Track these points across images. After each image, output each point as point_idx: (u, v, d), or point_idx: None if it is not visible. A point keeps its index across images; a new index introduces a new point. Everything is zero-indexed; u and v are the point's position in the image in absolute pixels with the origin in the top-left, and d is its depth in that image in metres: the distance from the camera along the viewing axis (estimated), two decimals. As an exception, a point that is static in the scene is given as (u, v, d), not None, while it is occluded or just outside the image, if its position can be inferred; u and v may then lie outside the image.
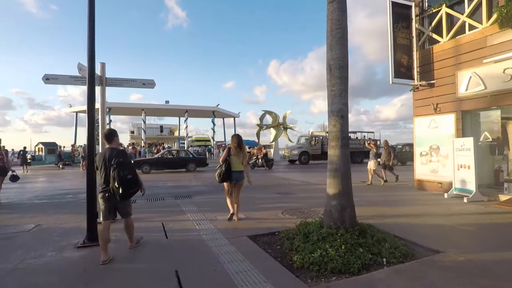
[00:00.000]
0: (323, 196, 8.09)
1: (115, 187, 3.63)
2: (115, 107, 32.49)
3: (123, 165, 3.71)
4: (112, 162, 3.68)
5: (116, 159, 3.69)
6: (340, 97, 4.10)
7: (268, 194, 8.66)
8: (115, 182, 3.61)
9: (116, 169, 3.64)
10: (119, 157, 3.74)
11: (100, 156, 3.88)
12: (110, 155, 3.75)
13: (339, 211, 4.02)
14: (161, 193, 9.23)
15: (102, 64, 5.73)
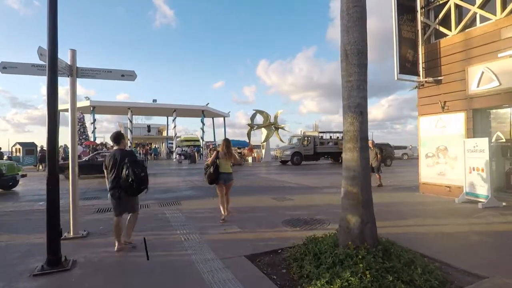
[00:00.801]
0: (324, 203, 7.56)
1: (128, 184, 3.94)
2: (100, 106, 31.15)
3: (136, 163, 4.08)
4: (125, 161, 3.99)
5: (128, 158, 4.05)
6: (359, 89, 3.40)
7: (264, 199, 7.93)
8: (129, 179, 3.92)
9: (130, 167, 3.95)
10: (130, 157, 4.12)
11: (110, 156, 4.17)
12: (121, 155, 4.09)
13: (359, 226, 3.32)
14: (146, 199, 8.36)
15: (73, 51, 4.87)
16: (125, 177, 3.94)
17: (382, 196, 8.29)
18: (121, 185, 3.99)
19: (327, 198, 7.92)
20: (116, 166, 4.04)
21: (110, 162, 4.11)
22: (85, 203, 7.89)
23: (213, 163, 5.68)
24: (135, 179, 3.94)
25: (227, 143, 5.86)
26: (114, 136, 4.32)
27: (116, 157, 4.08)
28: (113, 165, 4.07)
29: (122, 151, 4.22)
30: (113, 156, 4.14)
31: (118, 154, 4.11)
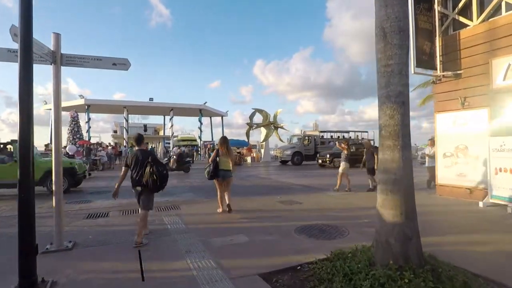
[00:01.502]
0: (336, 207, 6.73)
1: (152, 181, 4.29)
2: (94, 104, 30.35)
3: (159, 162, 4.51)
4: (149, 159, 4.38)
5: (151, 157, 4.45)
6: (401, 75, 2.81)
7: (269, 202, 7.32)
8: (153, 176, 4.28)
9: (153, 165, 4.34)
10: (153, 156, 4.53)
11: (133, 156, 4.57)
12: (143, 154, 4.49)
13: (402, 242, 2.72)
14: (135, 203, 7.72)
15: (57, 35, 4.22)
16: (149, 175, 4.30)
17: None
18: (144, 182, 4.35)
19: (338, 202, 7.33)
20: (139, 165, 4.44)
21: (133, 161, 4.50)
22: (75, 207, 7.23)
23: (214, 161, 6.10)
24: (159, 176, 4.34)
25: (225, 142, 6.29)
26: (137, 138, 4.76)
27: (138, 156, 4.48)
28: (135, 164, 4.47)
29: (143, 151, 4.62)
30: (135, 155, 4.53)
31: (140, 154, 4.51)
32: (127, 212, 6.51)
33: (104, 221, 5.80)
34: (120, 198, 8.43)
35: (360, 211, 6.22)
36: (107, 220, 5.89)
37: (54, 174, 4.17)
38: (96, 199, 8.36)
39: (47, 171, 8.68)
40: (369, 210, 6.26)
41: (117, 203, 7.62)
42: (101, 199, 8.28)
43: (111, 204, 7.48)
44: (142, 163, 4.42)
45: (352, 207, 6.68)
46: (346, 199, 7.63)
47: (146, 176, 4.32)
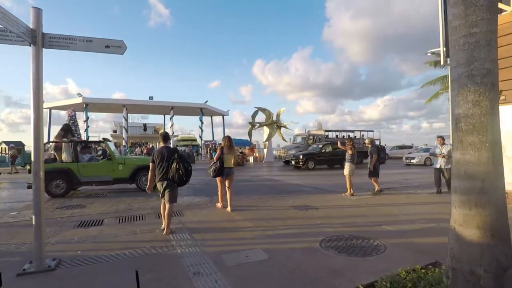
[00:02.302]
0: (356, 214, 5.93)
1: (178, 176, 4.66)
2: (93, 103, 29.62)
3: (184, 158, 4.89)
4: (175, 156, 4.74)
5: (177, 154, 4.82)
6: (490, 47, 2.09)
7: (282, 207, 6.60)
8: (180, 172, 4.66)
9: (180, 162, 4.70)
10: (178, 153, 4.88)
11: (158, 152, 4.81)
12: (169, 151, 4.81)
13: (495, 273, 1.99)
14: (140, 208, 6.99)
15: (37, 10, 3.48)
16: (176, 170, 4.64)
17: (442, 208, 7.01)
18: (169, 177, 4.68)
19: (357, 206, 6.61)
20: (164, 161, 4.72)
21: (159, 157, 4.77)
22: (66, 213, 6.51)
23: (220, 159, 6.22)
24: (185, 172, 4.71)
25: (229, 140, 6.43)
26: (164, 135, 5.09)
27: (164, 153, 4.77)
28: (161, 160, 4.75)
29: (169, 148, 4.94)
30: (161, 152, 4.80)
31: (166, 151, 4.80)
32: (124, 220, 5.78)
33: (98, 230, 5.07)
34: (118, 203, 7.79)
35: (386, 218, 5.51)
36: (101, 229, 5.16)
37: (33, 175, 3.44)
38: (91, 203, 7.63)
39: (137, 168, 9.21)
40: (396, 217, 5.58)
41: (113, 209, 6.92)
42: (97, 204, 7.55)
43: (107, 210, 6.76)
44: (168, 159, 4.73)
45: (376, 213, 5.95)
46: (364, 204, 6.91)
47: (173, 171, 4.67)
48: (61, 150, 8.96)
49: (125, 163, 9.25)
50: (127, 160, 9.55)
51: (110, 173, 9.04)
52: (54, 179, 8.42)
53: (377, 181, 8.34)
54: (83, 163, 9.02)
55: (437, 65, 24.22)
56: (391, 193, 8.36)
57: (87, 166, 8.94)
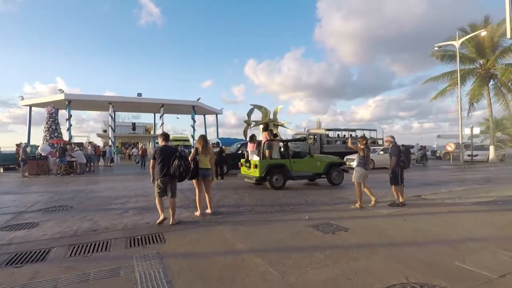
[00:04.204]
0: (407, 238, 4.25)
1: (179, 172, 5.11)
2: (76, 100, 27.57)
3: (184, 156, 5.33)
4: (176, 154, 5.20)
5: (177, 152, 5.29)
6: None
7: (297, 228, 4.96)
8: (180, 169, 5.09)
9: (180, 159, 5.15)
10: (178, 151, 5.36)
11: (160, 150, 5.24)
12: (169, 149, 5.35)
13: None
14: (108, 228, 5.27)
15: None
16: (177, 167, 5.09)
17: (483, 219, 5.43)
18: (170, 173, 5.13)
19: (400, 227, 5.01)
20: (166, 158, 5.14)
21: (161, 155, 5.18)
22: (6, 236, 4.77)
23: (194, 160, 5.84)
24: (185, 169, 5.19)
25: (204, 140, 6.11)
26: (165, 135, 5.57)
27: (165, 151, 5.23)
28: (163, 157, 5.16)
29: (169, 146, 5.50)
30: (162, 150, 5.25)
31: (167, 149, 5.31)
32: (79, 250, 4.07)
33: (32, 272, 3.37)
34: (81, 220, 5.95)
35: (450, 247, 3.93)
36: (37, 269, 3.44)
37: None
38: (47, 220, 5.89)
39: (329, 164, 10.30)
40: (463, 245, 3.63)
41: (73, 229, 5.21)
42: (54, 221, 5.81)
43: (63, 231, 5.05)
44: (169, 157, 5.12)
45: (431, 238, 4.36)
46: (404, 222, 5.33)
47: (174, 168, 5.06)
48: (272, 148, 9.79)
49: (321, 160, 10.40)
50: (323, 158, 10.77)
51: (312, 169, 10.08)
52: (274, 174, 9.43)
53: (399, 190, 6.74)
54: (293, 159, 9.97)
55: (444, 59, 23.02)
56: (421, 204, 6.81)
57: (297, 162, 9.89)
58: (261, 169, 9.30)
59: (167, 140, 5.46)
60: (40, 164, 16.02)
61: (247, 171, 10.01)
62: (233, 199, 7.85)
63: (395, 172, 6.73)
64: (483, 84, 22.08)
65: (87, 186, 11.12)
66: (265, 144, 9.83)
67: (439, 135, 35.36)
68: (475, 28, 20.88)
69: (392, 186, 6.83)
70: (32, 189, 10.48)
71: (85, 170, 17.09)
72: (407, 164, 6.99)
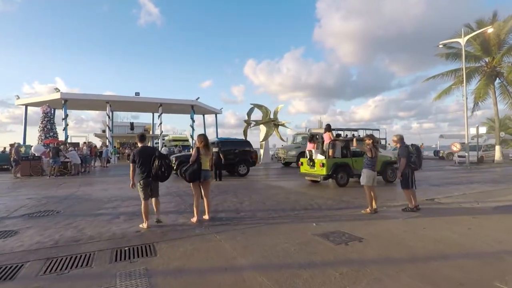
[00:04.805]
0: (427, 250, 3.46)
1: (161, 173, 5.02)
2: (73, 99, 27.01)
3: (164, 156, 5.22)
4: (156, 154, 5.10)
5: (157, 152, 5.19)
6: None
7: (305, 237, 4.45)
8: (161, 169, 5.00)
9: (162, 159, 5.06)
10: (158, 152, 5.24)
11: (139, 153, 5.09)
12: (149, 150, 5.23)
13: None
14: (94, 237, 4.73)
15: None
16: (158, 167, 4.99)
17: None
18: (153, 174, 5.03)
19: (425, 238, 4.47)
20: (146, 160, 5.04)
21: (140, 157, 5.06)
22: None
23: (197, 160, 5.39)
24: (168, 168, 5.11)
25: (205, 139, 5.61)
26: (141, 136, 5.46)
27: (144, 153, 5.11)
28: (143, 159, 5.05)
29: (148, 147, 5.43)
30: (141, 152, 5.11)
31: (146, 150, 5.19)
32: (56, 265, 3.54)
33: None
34: (66, 227, 5.35)
35: (482, 261, 3.40)
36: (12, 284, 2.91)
37: None
38: (29, 227, 5.35)
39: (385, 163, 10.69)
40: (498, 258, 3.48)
41: (54, 238, 4.67)
42: (36, 228, 5.27)
43: (42, 241, 4.51)
44: (149, 158, 5.06)
45: (456, 249, 3.83)
46: (423, 230, 4.80)
47: (156, 169, 5.01)
48: (335, 147, 10.01)
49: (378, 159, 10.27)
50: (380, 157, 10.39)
51: None
52: (339, 172, 9.77)
53: (410, 194, 6.21)
54: (354, 158, 10.10)
55: (449, 57, 22.50)
56: (437, 209, 6.28)
57: (357, 161, 9.96)
58: (328, 167, 9.68)
59: (144, 141, 5.37)
60: (33, 165, 15.50)
61: (310, 169, 10.34)
62: (233, 203, 7.32)
63: (406, 175, 6.21)
64: (489, 83, 21.55)
65: (80, 188, 10.57)
66: (329, 144, 10.15)
67: (442, 135, 34.76)
68: (481, 25, 20.37)
69: (404, 190, 6.31)
70: (21, 192, 9.94)
71: (80, 171, 16.54)
72: (419, 165, 6.48)
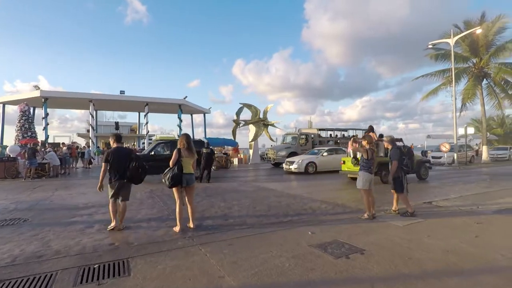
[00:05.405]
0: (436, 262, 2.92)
1: (137, 173, 4.94)
2: (53, 97, 25.80)
3: (139, 158, 5.13)
4: (132, 155, 5.03)
5: (133, 153, 5.15)
6: None
7: (300, 248, 3.99)
8: (137, 170, 4.92)
9: (137, 161, 4.96)
10: (133, 152, 5.32)
11: (113, 153, 4.93)
12: (124, 151, 5.14)
13: None
14: (60, 251, 4.12)
15: None
16: (135, 169, 4.89)
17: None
18: (128, 176, 4.91)
19: (430, 247, 4.08)
20: (121, 161, 4.90)
21: (115, 158, 4.89)
22: None
23: (178, 162, 4.86)
24: (143, 170, 4.99)
25: (187, 139, 5.03)
26: (117, 136, 5.21)
27: (119, 153, 4.97)
28: (117, 160, 4.89)
29: (123, 148, 5.27)
30: (116, 152, 4.96)
31: (121, 151, 5.06)
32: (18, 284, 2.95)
33: None
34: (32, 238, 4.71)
35: (502, 276, 3.01)
36: None
37: None
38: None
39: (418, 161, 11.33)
40: None
41: (14, 254, 4.02)
42: (2, 239, 4.62)
43: (6, 257, 3.86)
44: (123, 159, 4.92)
45: (476, 264, 3.44)
46: (427, 238, 4.42)
47: (131, 171, 4.89)
48: (378, 147, 10.17)
49: None
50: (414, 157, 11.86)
51: None
52: (383, 170, 10.30)
53: (403, 198, 5.86)
54: None
55: (438, 58, 22.57)
56: (437, 213, 5.95)
57: None
58: None
59: (119, 141, 5.17)
60: (7, 167, 14.52)
61: (353, 167, 10.27)
62: (221, 208, 6.80)
63: (398, 178, 5.87)
64: (477, 84, 21.72)
65: (55, 192, 9.82)
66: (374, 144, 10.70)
67: (429, 135, 35.13)
68: (469, 26, 20.48)
69: (395, 194, 5.96)
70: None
71: (59, 172, 15.66)
72: (411, 167, 6.19)
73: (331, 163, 14.93)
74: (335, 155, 15.48)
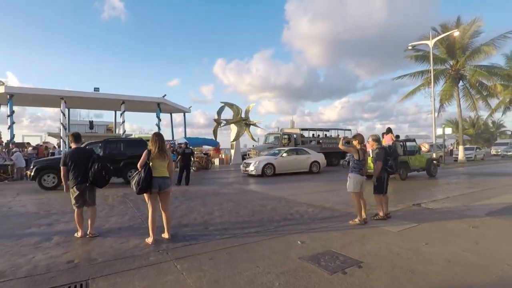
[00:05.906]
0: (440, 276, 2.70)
1: (101, 176, 4.50)
2: (20, 94, 24.05)
3: (102, 159, 4.67)
4: (94, 156, 4.58)
5: (95, 154, 4.66)
6: None
7: (295, 264, 3.53)
8: (101, 172, 4.48)
9: (101, 162, 4.53)
10: (96, 153, 4.74)
11: (72, 154, 4.52)
12: (85, 152, 4.70)
13: None
14: (38, 265, 3.44)
15: None
16: (98, 171, 4.45)
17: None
18: (90, 179, 4.46)
19: (432, 257, 3.74)
20: (82, 163, 4.48)
21: (74, 159, 4.48)
22: None
23: (145, 165, 4.24)
24: (108, 172, 4.61)
25: (159, 138, 4.43)
26: (75, 135, 4.75)
27: (79, 154, 4.55)
28: (78, 162, 4.47)
29: (83, 148, 4.92)
30: (75, 153, 4.54)
31: (81, 152, 4.64)
32: None
33: None
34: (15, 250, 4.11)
35: None
36: None
37: None
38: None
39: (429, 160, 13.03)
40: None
41: None
42: None
43: None
44: (84, 160, 4.50)
45: (486, 278, 3.11)
46: (428, 245, 4.10)
47: (94, 173, 4.44)
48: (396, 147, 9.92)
49: (424, 157, 12.95)
50: (424, 155, 13.36)
51: (420, 164, 12.46)
52: (401, 168, 11.12)
53: (382, 200, 5.59)
54: (410, 157, 12.10)
55: (418, 59, 22.98)
56: (428, 216, 5.70)
57: (412, 159, 12.05)
58: None
59: (78, 141, 4.77)
60: (-36, 169, 13.21)
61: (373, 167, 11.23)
62: (200, 214, 6.24)
63: (381, 179, 5.59)
64: (454, 85, 22.29)
65: (17, 197, 8.85)
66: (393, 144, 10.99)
67: (407, 136, 35.97)
68: (446, 29, 20.95)
69: (375, 196, 5.67)
70: None
71: (24, 175, 14.43)
72: (395, 168, 5.97)
73: (292, 164, 14.39)
74: (296, 155, 14.84)
